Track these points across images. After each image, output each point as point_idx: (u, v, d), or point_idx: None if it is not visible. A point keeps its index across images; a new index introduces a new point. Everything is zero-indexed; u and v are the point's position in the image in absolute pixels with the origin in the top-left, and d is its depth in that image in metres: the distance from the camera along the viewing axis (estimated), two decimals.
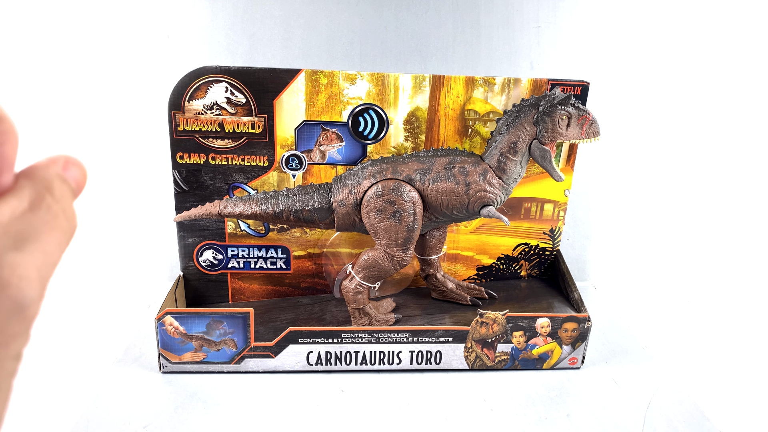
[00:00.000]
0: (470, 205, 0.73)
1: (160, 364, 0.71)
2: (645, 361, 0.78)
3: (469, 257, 0.92)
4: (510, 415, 0.65)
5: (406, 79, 0.78)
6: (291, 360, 0.72)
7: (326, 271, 0.88)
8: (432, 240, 0.82)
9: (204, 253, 0.84)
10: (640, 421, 0.65)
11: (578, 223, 1.04)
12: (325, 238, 0.85)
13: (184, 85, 0.74)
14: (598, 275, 1.07)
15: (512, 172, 0.73)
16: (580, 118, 0.70)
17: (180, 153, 0.77)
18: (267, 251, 0.85)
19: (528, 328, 0.72)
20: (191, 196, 0.80)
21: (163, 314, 0.68)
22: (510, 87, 0.80)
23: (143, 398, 0.67)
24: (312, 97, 0.77)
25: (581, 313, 0.73)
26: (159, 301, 0.89)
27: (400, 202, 0.71)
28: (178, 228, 0.82)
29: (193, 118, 0.76)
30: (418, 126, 0.81)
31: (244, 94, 0.75)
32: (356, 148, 0.81)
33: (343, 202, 0.73)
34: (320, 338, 0.71)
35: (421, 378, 0.73)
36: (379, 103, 0.79)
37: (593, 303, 0.96)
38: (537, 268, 0.95)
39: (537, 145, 0.72)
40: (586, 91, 0.81)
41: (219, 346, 0.70)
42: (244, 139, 0.78)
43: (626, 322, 0.89)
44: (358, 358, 0.72)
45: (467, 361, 0.74)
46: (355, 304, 0.75)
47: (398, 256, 0.72)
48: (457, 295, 0.85)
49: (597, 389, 0.71)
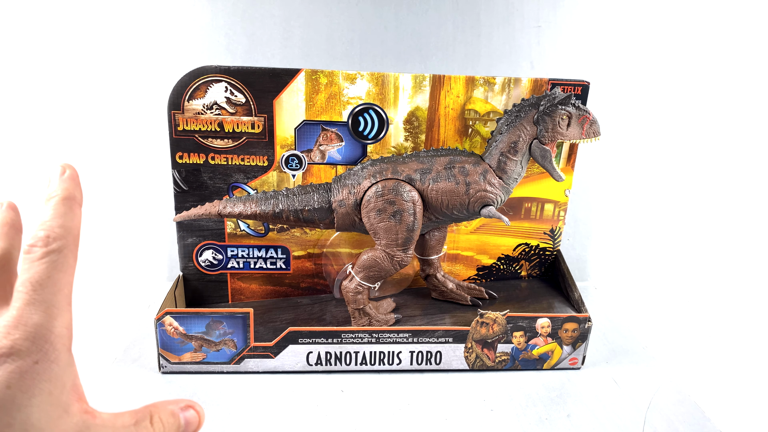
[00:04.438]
0: (470, 205, 0.73)
1: (159, 364, 0.71)
2: (645, 361, 0.78)
3: (470, 257, 0.92)
4: (510, 416, 0.65)
5: (406, 79, 0.78)
6: (291, 360, 0.71)
7: (326, 271, 0.88)
8: (432, 240, 0.82)
9: (204, 253, 0.83)
10: (641, 421, 0.64)
11: (578, 223, 1.04)
12: (325, 238, 0.85)
13: (183, 85, 0.74)
14: (599, 275, 1.07)
15: (512, 172, 0.73)
16: (580, 117, 0.70)
17: (180, 153, 0.77)
18: (267, 251, 0.85)
19: (528, 328, 0.72)
20: (191, 196, 0.80)
21: (162, 314, 0.67)
22: (510, 87, 0.80)
23: (143, 399, 0.66)
24: (312, 97, 0.77)
25: (581, 314, 0.73)
26: (158, 301, 0.89)
27: (400, 202, 0.70)
28: (177, 228, 0.82)
29: (192, 118, 0.76)
30: (418, 126, 0.81)
31: (244, 93, 0.75)
32: (356, 148, 0.80)
33: (343, 202, 0.73)
34: (320, 338, 0.70)
35: (421, 378, 0.72)
36: (379, 103, 0.79)
37: (593, 303, 0.96)
38: (537, 268, 0.95)
39: (537, 145, 0.72)
40: (586, 91, 0.81)
41: (219, 346, 0.70)
42: (243, 138, 0.78)
43: (626, 322, 0.89)
44: (358, 358, 0.72)
45: (467, 361, 0.73)
46: (355, 305, 0.75)
47: (398, 256, 0.72)
48: (458, 296, 0.85)
49: (597, 389, 0.71)
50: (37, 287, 0.27)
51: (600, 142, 0.96)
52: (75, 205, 0.30)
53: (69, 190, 0.30)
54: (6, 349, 0.25)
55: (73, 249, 0.29)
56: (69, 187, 0.30)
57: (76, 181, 0.31)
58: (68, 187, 0.30)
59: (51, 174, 0.31)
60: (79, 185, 0.31)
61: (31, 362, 0.25)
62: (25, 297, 0.26)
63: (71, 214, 0.29)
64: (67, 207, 0.29)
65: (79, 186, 0.31)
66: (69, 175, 0.31)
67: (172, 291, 0.77)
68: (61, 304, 0.27)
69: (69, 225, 0.29)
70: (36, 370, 0.25)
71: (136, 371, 0.72)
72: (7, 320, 0.26)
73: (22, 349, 0.25)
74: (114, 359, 0.75)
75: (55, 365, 0.26)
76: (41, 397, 0.25)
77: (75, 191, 0.30)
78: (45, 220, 0.28)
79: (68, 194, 0.30)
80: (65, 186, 0.30)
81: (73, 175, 0.31)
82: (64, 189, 0.30)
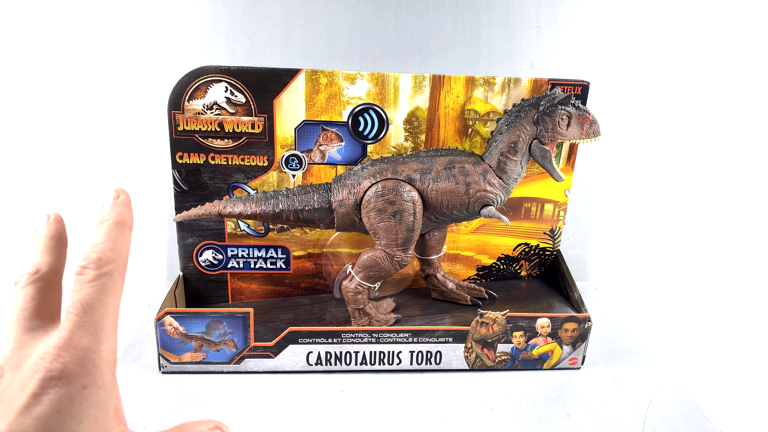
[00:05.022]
0: (470, 205, 0.73)
1: (159, 364, 0.71)
2: (645, 361, 0.78)
3: (469, 257, 0.92)
4: (510, 416, 0.65)
5: (406, 79, 0.78)
6: (291, 360, 0.71)
7: (326, 271, 0.88)
8: (432, 240, 0.82)
9: (204, 253, 0.83)
10: (640, 421, 0.64)
11: (578, 223, 1.04)
12: (325, 238, 0.85)
13: (183, 85, 0.74)
14: (598, 275, 1.07)
15: (512, 172, 0.73)
16: (580, 118, 0.70)
17: (180, 153, 0.77)
18: (267, 251, 0.85)
19: (528, 328, 0.72)
20: (191, 196, 0.80)
21: (162, 314, 0.67)
22: (510, 87, 0.80)
23: (143, 398, 0.67)
24: (312, 97, 0.77)
25: (581, 313, 0.73)
26: (159, 301, 0.89)
27: (400, 202, 0.70)
28: (177, 228, 0.82)
29: (192, 118, 0.76)
30: (418, 126, 0.81)
31: (244, 93, 0.75)
32: (356, 148, 0.80)
33: (343, 202, 0.73)
34: (320, 338, 0.70)
35: (421, 378, 0.72)
36: (379, 103, 0.79)
37: (593, 303, 0.96)
38: (537, 268, 0.95)
39: (537, 145, 0.72)
40: (586, 91, 0.81)
41: (219, 346, 0.70)
42: (243, 138, 0.78)
43: (626, 322, 0.89)
44: (358, 358, 0.72)
45: (467, 361, 0.73)
46: (355, 304, 0.75)
47: (398, 256, 0.72)
48: (457, 295, 0.85)
49: (597, 389, 0.71)
50: (88, 310, 0.27)
51: (600, 142, 0.96)
52: (126, 230, 0.31)
53: (122, 215, 0.31)
54: (57, 371, 0.25)
55: (122, 272, 0.29)
56: (122, 212, 0.31)
57: (128, 206, 0.32)
58: (121, 212, 0.31)
59: (105, 198, 0.32)
60: (131, 210, 0.32)
61: (80, 387, 0.25)
62: (75, 319, 0.26)
63: (122, 238, 0.30)
64: (118, 231, 0.30)
65: (130, 211, 0.32)
66: (122, 201, 0.32)
67: (172, 291, 0.77)
68: (109, 328, 0.27)
69: (120, 249, 0.29)
70: (84, 396, 0.25)
71: (137, 371, 0.72)
72: (56, 342, 0.26)
73: (72, 373, 0.25)
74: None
75: (101, 390, 0.26)
76: (88, 423, 0.25)
77: (127, 216, 0.31)
78: (97, 243, 0.29)
79: (120, 219, 0.31)
80: (118, 211, 0.31)
81: (126, 200, 0.32)
82: (117, 213, 0.31)
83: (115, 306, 0.28)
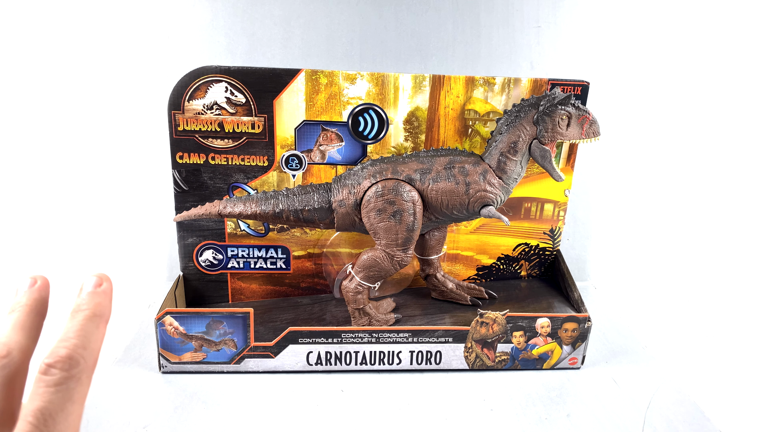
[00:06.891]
0: (470, 205, 0.73)
1: (159, 364, 0.71)
2: (645, 361, 0.78)
3: (469, 257, 0.92)
4: (510, 415, 0.65)
5: (406, 79, 0.78)
6: (291, 360, 0.72)
7: (326, 271, 0.88)
8: (432, 240, 0.82)
9: (204, 253, 0.83)
10: (640, 421, 0.64)
11: (578, 223, 1.04)
12: (325, 238, 0.85)
13: (183, 85, 0.74)
14: (598, 275, 1.07)
15: (512, 172, 0.73)
16: (580, 118, 0.70)
17: (180, 153, 0.77)
18: (267, 251, 0.85)
19: (528, 328, 0.72)
20: (191, 196, 0.80)
21: (162, 314, 0.68)
22: (510, 87, 0.80)
23: (143, 398, 0.67)
24: (312, 97, 0.77)
25: (581, 313, 0.73)
26: (159, 301, 0.89)
27: (400, 202, 0.70)
28: (177, 228, 0.82)
29: (192, 118, 0.76)
30: (418, 126, 0.81)
31: (244, 94, 0.75)
32: (356, 148, 0.80)
33: (343, 202, 0.73)
34: (320, 338, 0.71)
35: (421, 378, 0.73)
36: (379, 103, 0.79)
37: (593, 303, 0.96)
38: (537, 268, 0.95)
39: (537, 145, 0.72)
40: (586, 91, 0.81)
41: (219, 346, 0.70)
42: (243, 139, 0.78)
43: (626, 322, 0.89)
44: (358, 358, 0.72)
45: (467, 361, 0.74)
46: (355, 304, 0.75)
47: (398, 256, 0.72)
48: (457, 295, 0.85)
49: (597, 389, 0.71)
50: (48, 420, 0.24)
51: (600, 142, 0.96)
52: (102, 324, 0.28)
53: (100, 306, 0.28)
54: None
55: (90, 373, 0.27)
56: (101, 303, 0.28)
57: (108, 296, 0.29)
58: (101, 303, 0.28)
59: (85, 283, 0.29)
60: (111, 301, 0.29)
61: None
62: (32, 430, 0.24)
63: (96, 334, 0.27)
64: (93, 325, 0.27)
65: (110, 302, 0.29)
66: (103, 290, 0.29)
67: (173, 291, 0.77)
68: None
69: (93, 347, 0.27)
70: None
71: (137, 371, 0.72)
72: None
73: None
74: (114, 359, 0.75)
75: None
76: None
77: (105, 308, 0.28)
78: (69, 336, 0.26)
79: (98, 311, 0.28)
80: (98, 301, 0.28)
81: (107, 290, 0.29)
82: (96, 305, 0.28)
83: (79, 413, 0.25)
